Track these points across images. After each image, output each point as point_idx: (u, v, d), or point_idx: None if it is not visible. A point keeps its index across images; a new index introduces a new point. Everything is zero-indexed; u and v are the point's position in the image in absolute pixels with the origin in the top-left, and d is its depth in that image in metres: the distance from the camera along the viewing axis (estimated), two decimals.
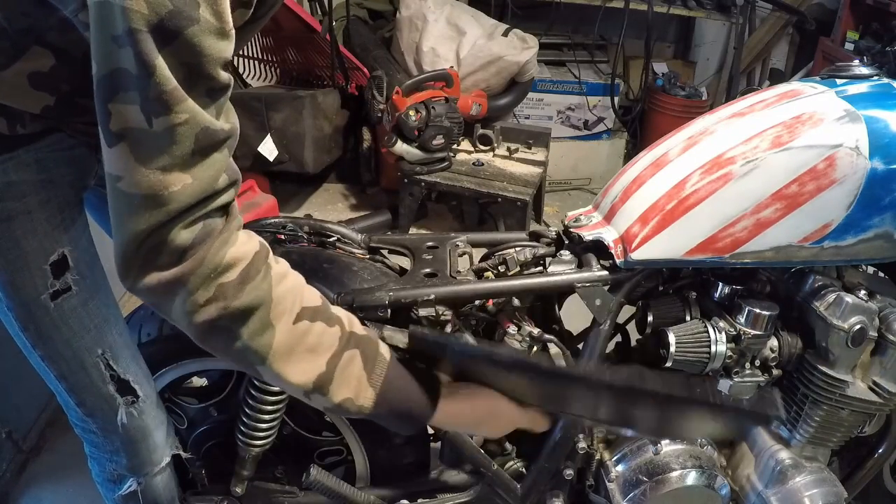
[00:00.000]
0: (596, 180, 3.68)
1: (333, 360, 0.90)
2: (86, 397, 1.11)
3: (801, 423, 1.24)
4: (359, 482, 1.39)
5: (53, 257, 1.02)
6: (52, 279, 1.02)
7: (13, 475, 1.79)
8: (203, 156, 0.77)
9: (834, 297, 1.17)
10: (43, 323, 1.04)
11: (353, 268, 1.28)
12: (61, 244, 1.02)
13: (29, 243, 0.99)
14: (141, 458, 1.19)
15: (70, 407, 1.13)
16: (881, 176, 1.09)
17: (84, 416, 1.13)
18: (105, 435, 1.15)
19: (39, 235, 1.00)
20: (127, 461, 1.18)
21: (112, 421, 1.13)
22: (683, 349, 1.18)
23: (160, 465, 1.22)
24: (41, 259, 1.01)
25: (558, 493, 1.34)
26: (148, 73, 0.70)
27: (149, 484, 1.21)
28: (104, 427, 1.14)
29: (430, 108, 2.68)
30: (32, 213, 0.99)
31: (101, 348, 1.09)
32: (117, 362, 1.11)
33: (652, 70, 3.93)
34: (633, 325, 1.34)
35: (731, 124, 1.19)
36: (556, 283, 1.21)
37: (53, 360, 1.07)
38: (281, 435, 1.29)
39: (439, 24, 3.07)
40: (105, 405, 1.12)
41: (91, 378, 1.09)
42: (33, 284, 1.01)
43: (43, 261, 1.01)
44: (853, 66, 1.21)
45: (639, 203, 1.19)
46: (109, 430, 1.14)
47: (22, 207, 0.98)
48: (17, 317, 1.03)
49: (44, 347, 1.06)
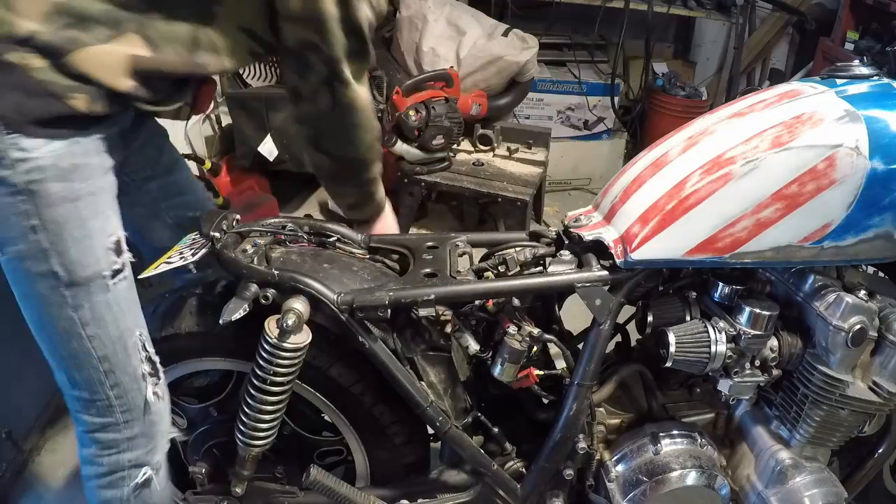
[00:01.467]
0: (596, 180, 3.68)
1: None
2: (122, 377, 1.14)
3: (801, 423, 1.24)
4: (359, 482, 1.39)
5: (113, 238, 1.10)
6: (114, 257, 1.10)
7: (13, 475, 1.79)
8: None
9: (834, 297, 1.17)
10: (99, 302, 1.09)
11: (353, 268, 1.28)
12: (118, 226, 1.12)
13: (94, 223, 1.07)
14: (155, 442, 1.21)
15: (99, 393, 1.14)
16: (881, 176, 1.09)
17: (114, 400, 1.14)
18: (127, 420, 1.16)
19: (102, 217, 1.08)
20: (143, 447, 1.19)
21: (138, 403, 1.16)
22: (683, 349, 1.18)
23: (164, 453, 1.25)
24: (104, 238, 1.09)
25: (558, 493, 1.34)
26: None
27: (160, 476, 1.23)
28: (129, 410, 1.16)
29: (430, 108, 2.68)
30: (96, 194, 1.07)
31: (139, 329, 1.16)
32: (148, 342, 1.18)
33: (652, 70, 3.93)
34: (633, 325, 1.34)
35: (731, 124, 1.19)
36: (556, 283, 1.21)
37: (101, 340, 1.10)
38: (281, 435, 1.29)
39: (439, 24, 3.07)
40: (136, 386, 1.16)
41: (130, 358, 1.14)
42: (97, 262, 1.08)
43: (106, 240, 1.09)
44: (853, 66, 1.21)
45: (639, 203, 1.19)
46: (134, 414, 1.17)
47: (87, 189, 1.05)
48: (74, 295, 1.06)
49: (95, 327, 1.09)
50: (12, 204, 1.01)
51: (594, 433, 1.32)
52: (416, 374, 1.25)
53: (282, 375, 1.16)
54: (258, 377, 1.17)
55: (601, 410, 1.34)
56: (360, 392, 1.27)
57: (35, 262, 1.04)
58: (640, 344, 1.38)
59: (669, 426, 1.33)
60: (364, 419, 1.31)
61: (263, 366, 1.16)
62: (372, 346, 1.19)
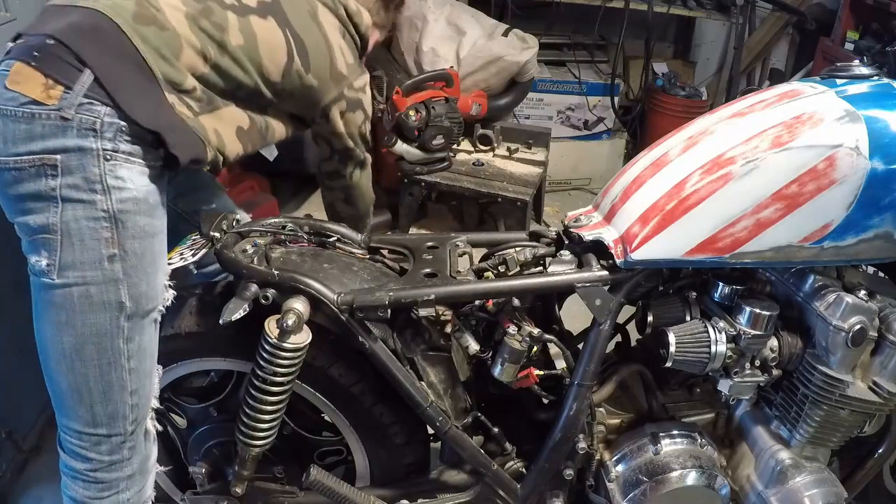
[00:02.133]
0: (596, 180, 3.68)
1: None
2: (142, 412, 1.16)
3: (801, 423, 1.24)
4: (359, 482, 1.39)
5: (168, 275, 1.16)
6: (167, 294, 1.16)
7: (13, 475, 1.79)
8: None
9: (834, 297, 1.17)
10: (146, 336, 1.13)
11: (353, 268, 1.28)
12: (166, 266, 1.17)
13: (161, 261, 1.14)
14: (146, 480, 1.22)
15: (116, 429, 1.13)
16: (881, 176, 1.09)
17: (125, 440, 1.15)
18: (130, 455, 1.17)
19: (164, 255, 1.15)
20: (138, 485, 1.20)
21: (142, 438, 1.18)
22: (683, 349, 1.18)
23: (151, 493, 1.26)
24: (164, 276, 1.15)
25: (558, 493, 1.34)
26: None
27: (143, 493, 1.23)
28: (135, 445, 1.17)
29: (430, 108, 2.68)
30: (164, 233, 1.14)
31: (157, 364, 1.18)
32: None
33: (652, 70, 3.93)
34: (633, 325, 1.34)
35: (731, 124, 1.19)
36: (556, 283, 1.21)
37: (138, 374, 1.13)
38: (281, 435, 1.29)
39: (439, 24, 3.06)
40: (147, 419, 1.18)
41: (152, 393, 1.18)
42: (158, 297, 1.14)
43: (166, 278, 1.16)
44: (853, 66, 1.21)
45: (639, 203, 1.19)
46: (137, 448, 1.17)
47: (161, 226, 1.13)
48: (132, 328, 1.09)
49: (137, 360, 1.12)
50: (95, 230, 1.02)
51: (594, 433, 1.32)
52: (416, 374, 1.25)
53: (282, 375, 1.16)
54: (258, 377, 1.17)
55: (601, 410, 1.34)
56: (360, 392, 1.27)
57: (102, 291, 1.05)
58: (640, 344, 1.38)
59: (669, 426, 1.33)
60: (364, 419, 1.31)
61: (263, 366, 1.16)
62: (372, 346, 1.19)
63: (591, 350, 1.22)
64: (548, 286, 1.22)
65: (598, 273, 1.20)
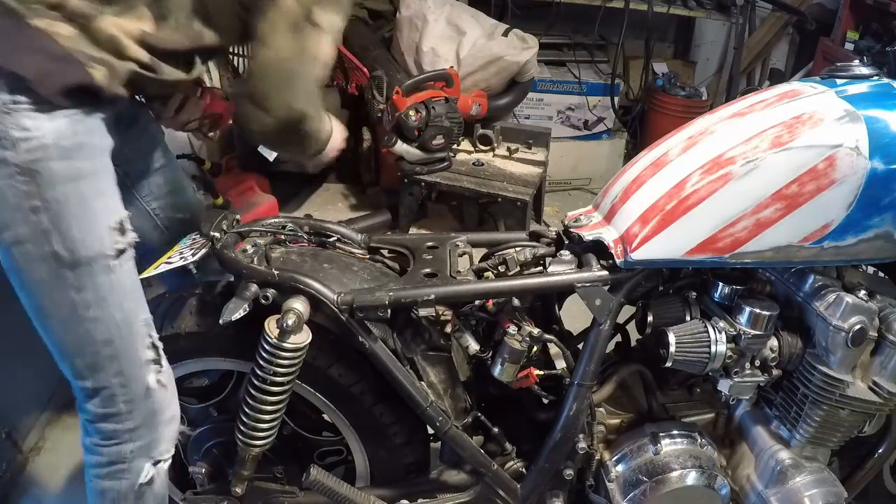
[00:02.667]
0: (596, 180, 3.68)
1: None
2: (125, 363, 1.12)
3: (801, 423, 1.24)
4: (359, 482, 1.39)
5: (116, 217, 1.09)
6: (118, 237, 1.09)
7: (13, 475, 1.79)
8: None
9: (834, 297, 1.17)
10: (102, 283, 1.08)
11: (353, 268, 1.28)
12: (121, 207, 1.10)
13: (97, 203, 1.06)
14: (158, 433, 1.19)
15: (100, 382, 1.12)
16: (881, 176, 1.09)
17: (113, 392, 1.13)
18: (129, 410, 1.15)
19: (104, 197, 1.08)
20: (144, 438, 1.18)
21: (140, 392, 1.15)
22: (683, 349, 1.18)
23: (168, 455, 1.23)
24: (107, 217, 1.08)
25: (558, 493, 1.34)
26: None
27: (159, 472, 1.22)
28: (132, 400, 1.14)
29: (430, 108, 2.68)
30: (98, 174, 1.06)
31: (144, 312, 1.15)
32: (152, 328, 1.16)
33: (652, 70, 3.93)
34: (633, 325, 1.34)
35: (731, 124, 1.19)
36: (556, 283, 1.21)
37: (104, 323, 1.09)
38: (281, 435, 1.29)
39: (439, 24, 3.06)
40: (139, 372, 1.14)
41: (135, 342, 1.13)
42: (101, 243, 1.07)
43: (109, 219, 1.08)
44: (853, 66, 1.21)
45: (639, 203, 1.19)
46: (135, 405, 1.15)
47: (90, 168, 1.05)
48: (77, 277, 1.05)
49: (98, 308, 1.08)
50: (12, 185, 0.99)
51: (594, 433, 1.32)
52: (416, 374, 1.25)
53: (282, 375, 1.16)
54: (258, 377, 1.17)
55: (601, 410, 1.34)
56: (360, 392, 1.27)
57: (35, 245, 1.03)
58: (640, 344, 1.38)
59: (669, 426, 1.33)
60: (364, 419, 1.31)
61: (263, 366, 1.16)
62: (372, 346, 1.19)
63: (591, 350, 1.22)
64: (548, 286, 1.22)
65: (598, 273, 1.20)
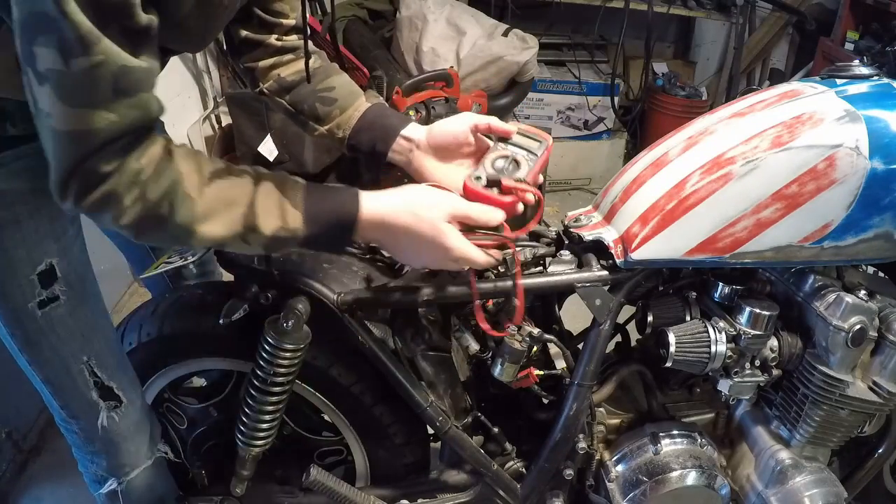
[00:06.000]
0: (596, 180, 3.68)
1: (251, 200, 0.90)
2: (69, 401, 1.13)
3: (801, 423, 1.24)
4: (359, 482, 1.39)
5: (41, 267, 1.01)
6: (39, 289, 1.02)
7: (13, 475, 1.79)
8: (126, 95, 0.77)
9: (834, 297, 1.17)
10: (30, 329, 1.05)
11: (353, 268, 1.28)
12: (50, 254, 1.02)
13: (17, 253, 0.99)
14: (120, 459, 1.21)
15: (54, 408, 1.16)
16: (881, 176, 1.09)
17: (67, 418, 1.16)
18: (86, 437, 1.17)
19: (28, 245, 1.00)
20: (106, 463, 1.20)
21: (94, 424, 1.15)
22: (683, 349, 1.18)
23: (140, 468, 1.24)
24: (29, 269, 1.00)
25: (558, 493, 1.34)
26: (62, 14, 0.69)
27: (129, 484, 1.23)
28: (86, 429, 1.16)
29: (430, 108, 2.68)
30: (21, 222, 0.98)
31: (87, 355, 1.10)
32: (102, 369, 1.13)
33: (652, 70, 3.93)
34: (633, 325, 1.34)
35: (731, 124, 1.19)
36: (556, 283, 1.21)
37: (39, 365, 1.09)
38: (281, 435, 1.29)
39: (439, 24, 3.06)
40: (88, 409, 1.14)
41: (76, 383, 1.11)
42: (21, 293, 1.01)
43: (30, 270, 1.00)
44: (853, 66, 1.21)
45: (639, 203, 1.19)
46: (91, 433, 1.17)
47: (10, 216, 0.97)
48: (5, 322, 1.04)
49: (30, 353, 1.07)
50: None
51: (594, 433, 1.32)
52: (416, 374, 1.25)
53: (282, 375, 1.16)
54: (258, 377, 1.17)
55: (601, 410, 1.34)
56: (360, 392, 1.27)
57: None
58: (640, 344, 1.38)
59: (669, 426, 1.33)
60: (364, 419, 1.31)
61: (263, 366, 1.16)
62: (372, 346, 1.19)
63: (591, 350, 1.22)
64: (548, 286, 1.22)
65: (598, 273, 1.20)
